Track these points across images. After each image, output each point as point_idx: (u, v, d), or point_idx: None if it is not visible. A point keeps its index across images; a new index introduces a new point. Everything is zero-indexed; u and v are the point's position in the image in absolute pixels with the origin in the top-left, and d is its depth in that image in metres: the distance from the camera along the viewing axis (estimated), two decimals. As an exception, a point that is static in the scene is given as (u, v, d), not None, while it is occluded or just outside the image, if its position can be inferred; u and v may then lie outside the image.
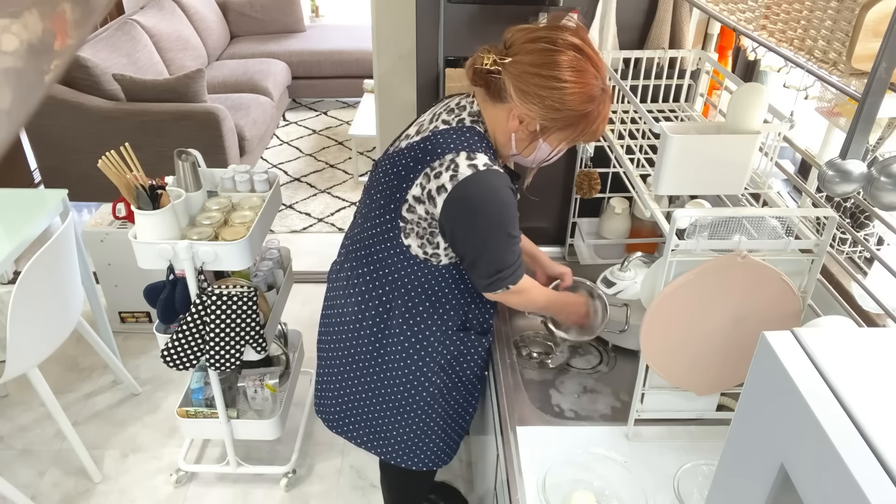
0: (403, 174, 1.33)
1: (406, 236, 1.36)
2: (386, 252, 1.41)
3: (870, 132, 0.83)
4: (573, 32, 1.22)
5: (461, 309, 1.48)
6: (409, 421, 1.57)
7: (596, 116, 1.26)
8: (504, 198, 1.29)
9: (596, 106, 1.24)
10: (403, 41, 2.25)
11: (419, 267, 1.40)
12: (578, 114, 1.23)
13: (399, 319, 1.45)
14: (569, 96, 1.21)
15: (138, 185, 1.72)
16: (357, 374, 1.55)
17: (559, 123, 1.25)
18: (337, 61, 5.15)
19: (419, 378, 1.51)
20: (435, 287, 1.42)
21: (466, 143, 1.29)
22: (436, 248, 1.37)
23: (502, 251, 1.34)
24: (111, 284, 2.82)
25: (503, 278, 1.37)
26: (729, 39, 1.84)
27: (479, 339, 1.54)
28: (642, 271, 1.67)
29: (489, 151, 1.32)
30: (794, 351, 0.61)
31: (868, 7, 0.84)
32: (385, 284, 1.43)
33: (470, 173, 1.26)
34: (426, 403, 1.54)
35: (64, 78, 3.45)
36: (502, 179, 1.29)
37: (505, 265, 1.35)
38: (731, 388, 1.28)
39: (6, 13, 0.30)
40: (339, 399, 1.62)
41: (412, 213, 1.33)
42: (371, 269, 1.44)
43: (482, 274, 1.37)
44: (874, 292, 1.17)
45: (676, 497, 1.24)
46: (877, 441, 0.52)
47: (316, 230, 3.80)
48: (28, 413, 2.55)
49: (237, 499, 2.25)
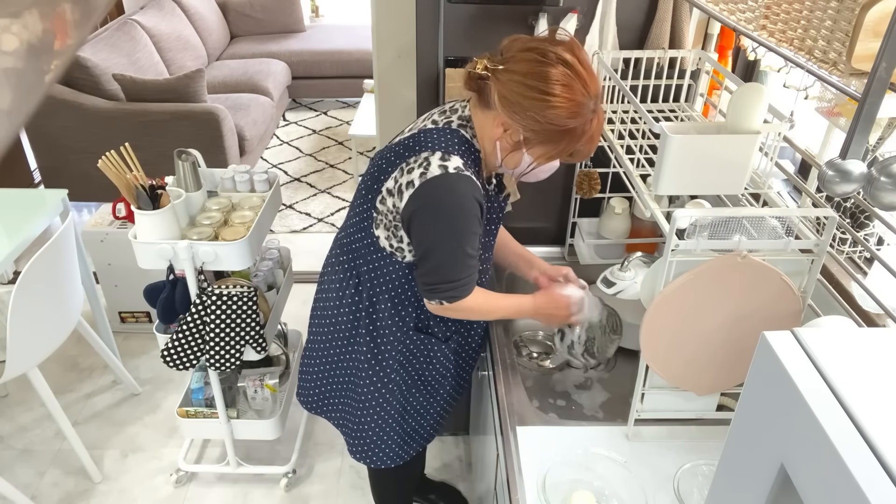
0: (384, 167, 1.35)
1: (377, 227, 1.39)
2: (361, 242, 1.44)
3: (870, 132, 0.83)
4: (567, 47, 1.20)
5: (420, 310, 1.47)
6: (368, 419, 1.58)
7: (580, 134, 1.23)
8: (464, 204, 1.27)
9: (581, 124, 1.21)
10: (403, 41, 2.25)
11: (386, 261, 1.41)
12: (560, 129, 1.21)
13: (368, 310, 1.47)
14: (550, 109, 1.19)
15: (138, 185, 1.72)
16: (332, 358, 1.58)
17: (541, 136, 1.24)
18: (337, 61, 5.15)
19: (379, 375, 1.52)
20: (397, 283, 1.43)
21: (445, 143, 1.30)
22: (399, 242, 1.38)
23: (449, 261, 1.32)
24: (111, 284, 2.82)
25: (437, 290, 1.35)
26: (729, 39, 1.84)
27: (440, 345, 1.53)
28: (642, 271, 1.67)
29: (469, 156, 1.31)
30: (794, 351, 0.61)
31: (868, 7, 0.84)
32: (359, 274, 1.46)
33: (438, 173, 1.26)
34: (384, 398, 1.55)
35: (64, 78, 3.45)
36: (469, 187, 1.28)
37: (445, 278, 1.33)
38: (731, 388, 1.28)
39: (6, 13, 0.30)
40: (317, 380, 1.65)
41: (383, 205, 1.35)
42: (349, 258, 1.47)
43: (421, 275, 1.37)
44: (874, 292, 1.17)
45: (676, 497, 1.24)
46: (877, 441, 0.52)
47: (316, 230, 3.80)
48: (28, 413, 2.55)
49: (237, 499, 2.25)
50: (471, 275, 1.35)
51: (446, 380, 1.59)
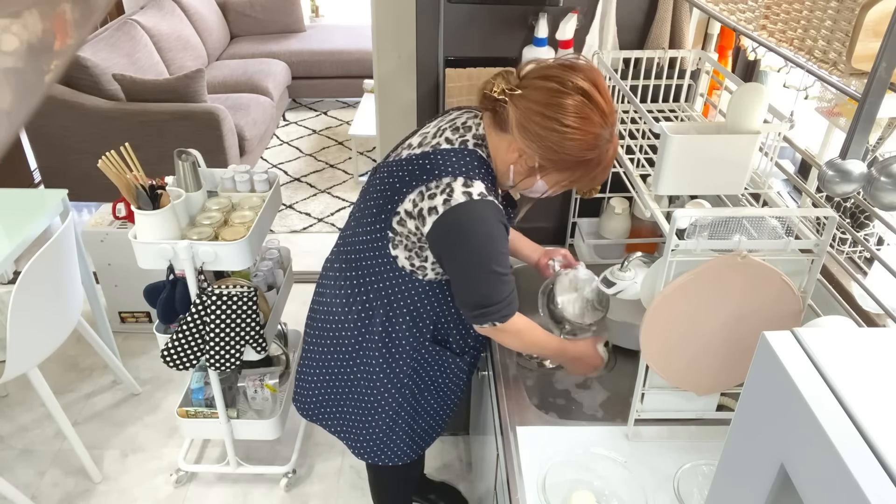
0: (398, 186, 1.32)
1: (395, 247, 1.36)
2: (373, 260, 1.41)
3: (870, 132, 0.83)
4: (585, 75, 1.19)
5: (439, 324, 1.48)
6: (377, 418, 1.57)
7: (596, 164, 1.25)
8: (491, 230, 1.27)
9: (597, 155, 1.23)
10: (404, 41, 2.25)
11: (404, 280, 1.40)
12: (577, 160, 1.22)
13: (379, 327, 1.46)
14: (568, 141, 1.19)
15: (138, 185, 1.72)
16: (335, 368, 1.57)
17: (557, 166, 1.25)
18: (337, 61, 5.15)
19: (392, 380, 1.51)
20: (416, 300, 1.43)
21: (466, 167, 1.28)
22: (423, 262, 1.37)
23: (484, 286, 1.31)
24: (111, 284, 2.82)
25: (487, 314, 1.34)
26: (729, 39, 1.84)
27: (454, 359, 1.53)
28: (642, 271, 1.67)
29: (488, 178, 1.31)
30: (794, 351, 0.61)
31: (868, 7, 0.84)
32: (370, 291, 1.44)
33: (463, 200, 1.25)
34: (396, 403, 1.54)
35: (64, 78, 3.45)
36: (495, 212, 1.27)
37: (489, 301, 1.33)
38: (731, 388, 1.28)
39: (6, 13, 0.30)
40: (316, 389, 1.64)
41: (402, 227, 1.33)
42: (358, 275, 1.45)
43: (465, 304, 1.36)
44: (874, 292, 1.17)
45: (676, 497, 1.24)
46: (877, 441, 0.52)
47: (316, 230, 3.80)
48: (28, 413, 2.56)
49: (237, 499, 2.25)
50: (511, 292, 1.34)
51: (458, 386, 1.60)
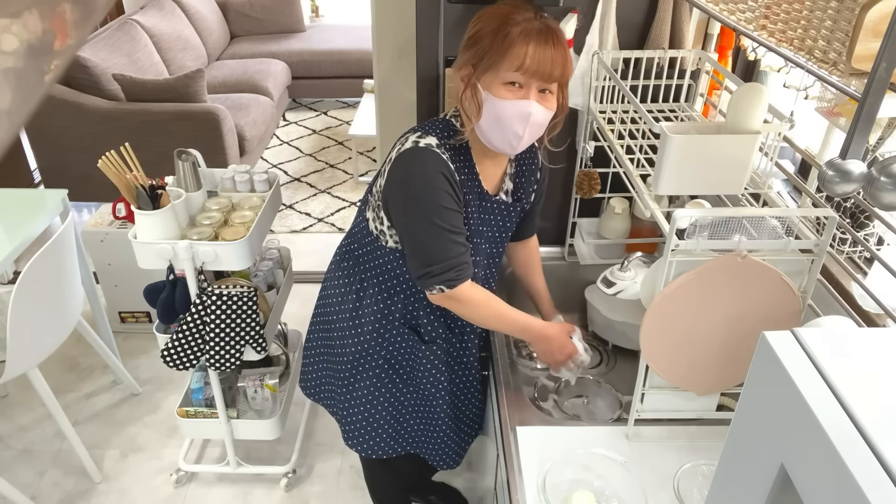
0: None
1: (368, 209, 1.44)
2: (358, 226, 1.49)
3: (870, 132, 0.83)
4: None
5: (408, 303, 1.47)
6: (355, 395, 1.58)
7: (512, 40, 1.20)
8: (428, 176, 1.28)
9: (511, 29, 1.21)
10: (403, 41, 2.25)
11: (373, 246, 1.44)
12: (493, 36, 1.23)
13: (353, 295, 1.51)
14: (480, 21, 1.26)
15: (138, 185, 1.72)
16: (327, 341, 1.61)
17: (480, 54, 1.25)
18: (337, 61, 5.15)
19: (362, 354, 1.53)
20: (384, 271, 1.45)
21: (429, 126, 1.35)
22: (381, 225, 1.40)
23: (425, 238, 1.30)
24: (111, 284, 2.82)
25: (431, 274, 1.31)
26: (729, 39, 1.84)
27: (423, 347, 1.51)
28: (642, 271, 1.67)
29: (450, 139, 1.34)
30: (794, 351, 0.61)
31: (868, 7, 0.84)
32: (352, 258, 1.51)
33: (409, 146, 1.30)
34: (371, 384, 1.55)
35: (64, 78, 3.45)
36: (435, 161, 1.28)
37: (432, 258, 1.30)
38: (731, 388, 1.28)
39: (6, 13, 0.30)
40: (315, 364, 1.68)
41: (375, 187, 1.40)
42: (347, 242, 1.54)
43: (412, 264, 1.36)
44: (874, 292, 1.17)
45: (676, 497, 1.23)
46: (877, 441, 0.52)
47: (316, 230, 3.80)
48: (28, 413, 2.55)
49: (237, 499, 2.25)
50: (458, 256, 1.32)
51: (437, 389, 1.54)
